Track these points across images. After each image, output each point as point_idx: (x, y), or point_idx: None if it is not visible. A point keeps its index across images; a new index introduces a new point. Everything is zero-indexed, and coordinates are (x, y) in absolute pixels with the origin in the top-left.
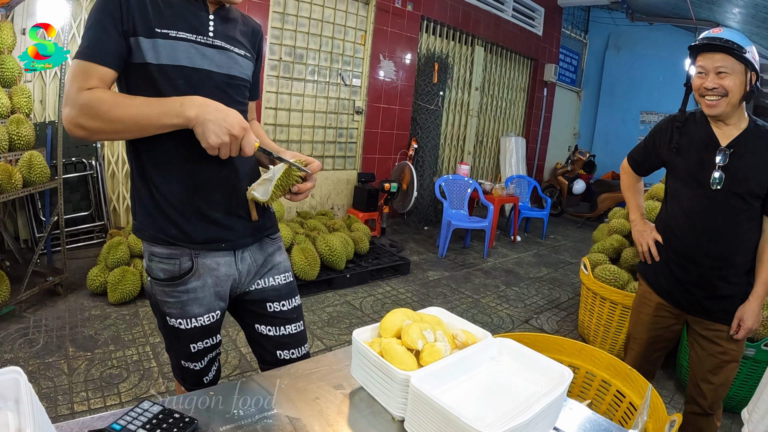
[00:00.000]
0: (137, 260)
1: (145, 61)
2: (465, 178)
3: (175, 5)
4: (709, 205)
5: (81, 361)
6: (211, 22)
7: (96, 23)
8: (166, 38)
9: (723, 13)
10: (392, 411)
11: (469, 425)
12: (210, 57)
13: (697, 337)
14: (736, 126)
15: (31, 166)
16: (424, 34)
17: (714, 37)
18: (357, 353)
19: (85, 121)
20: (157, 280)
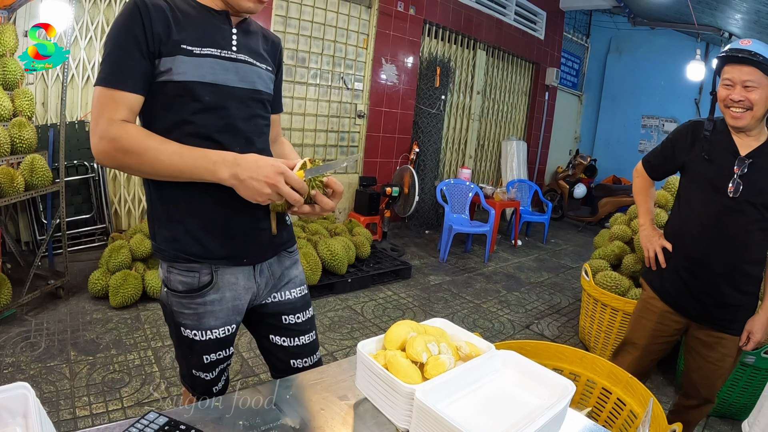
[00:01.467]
0: (139, 264)
1: (170, 80)
2: (466, 183)
3: (197, 20)
4: (723, 212)
5: (83, 365)
6: (234, 36)
7: (117, 47)
8: (191, 55)
9: (725, 18)
10: (397, 423)
11: None
12: (234, 71)
13: (696, 344)
14: (757, 138)
15: (33, 169)
16: (426, 38)
17: (743, 49)
18: (362, 365)
19: (116, 155)
20: (175, 292)
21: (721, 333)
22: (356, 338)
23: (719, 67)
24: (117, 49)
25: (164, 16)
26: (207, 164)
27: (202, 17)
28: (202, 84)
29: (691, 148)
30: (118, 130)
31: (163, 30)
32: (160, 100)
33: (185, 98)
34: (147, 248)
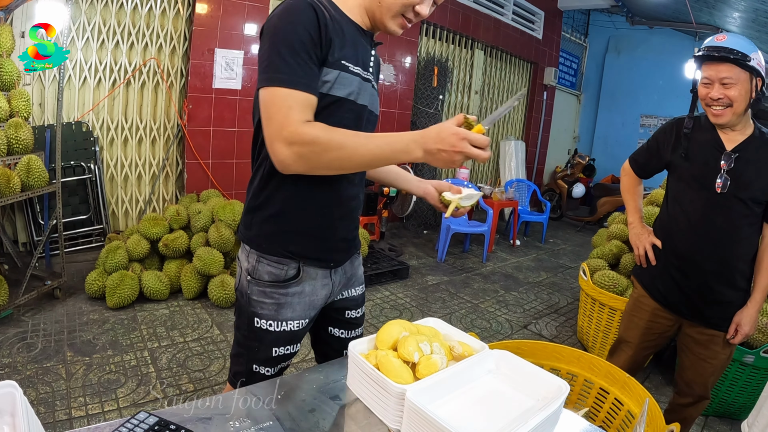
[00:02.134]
0: (135, 264)
1: (327, 92)
2: (464, 183)
3: (351, 36)
4: (712, 208)
5: (79, 366)
6: (372, 59)
7: (292, 45)
8: (347, 71)
9: (723, 17)
10: (389, 424)
11: None
12: (368, 93)
13: (689, 341)
14: (742, 132)
15: (29, 170)
16: (423, 38)
17: (718, 46)
18: (353, 365)
19: (312, 156)
20: (260, 281)
21: (713, 330)
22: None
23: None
24: (292, 48)
25: (333, 25)
26: (403, 147)
27: (353, 34)
28: (349, 101)
29: (676, 145)
30: (312, 130)
31: (334, 37)
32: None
33: (334, 113)
34: (144, 249)
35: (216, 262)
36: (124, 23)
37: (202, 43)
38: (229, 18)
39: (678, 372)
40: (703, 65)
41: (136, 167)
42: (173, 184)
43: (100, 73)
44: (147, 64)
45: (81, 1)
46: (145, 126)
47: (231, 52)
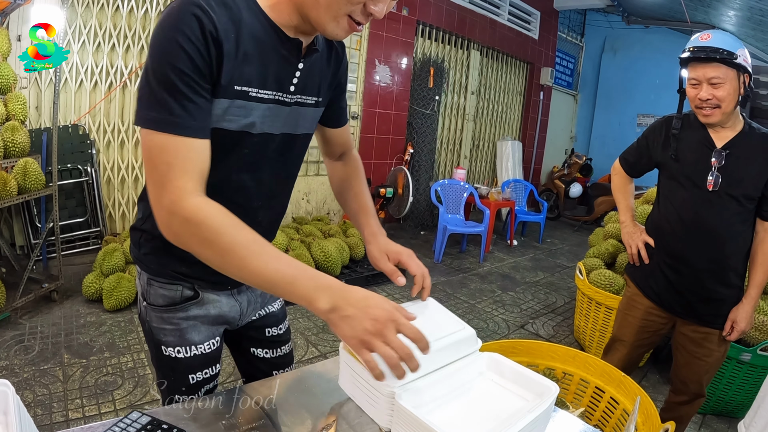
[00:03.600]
0: (132, 267)
1: (216, 126)
2: (461, 183)
3: (264, 48)
4: (703, 206)
5: (76, 368)
6: (297, 74)
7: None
8: (244, 98)
9: (718, 15)
10: (380, 423)
11: None
12: (283, 118)
13: (683, 339)
14: (732, 128)
15: (26, 173)
16: (419, 39)
17: (704, 46)
18: (345, 365)
19: (189, 242)
20: (155, 306)
21: (707, 328)
22: None
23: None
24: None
25: (228, 34)
26: (307, 286)
27: (270, 45)
28: (246, 134)
29: (666, 144)
30: (194, 209)
31: (226, 56)
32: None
33: (224, 146)
34: None
35: None
36: (120, 26)
37: None
38: None
39: (673, 370)
40: (689, 66)
41: (133, 170)
42: None
43: (96, 76)
44: (143, 66)
45: (77, 4)
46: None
47: None
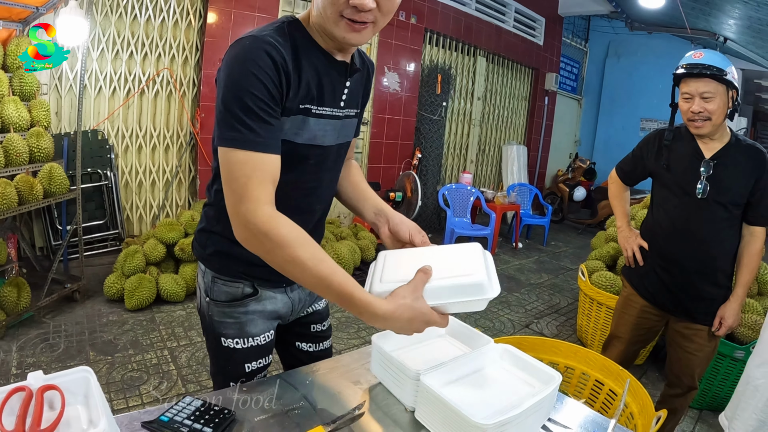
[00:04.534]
0: (152, 268)
1: (287, 139)
2: (467, 187)
3: (322, 69)
4: (693, 212)
5: (102, 364)
6: (345, 92)
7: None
8: (308, 114)
9: (719, 24)
10: (405, 402)
11: (467, 416)
12: (337, 130)
13: (676, 336)
14: (719, 140)
15: (51, 177)
16: (427, 46)
17: (697, 63)
18: (376, 353)
19: (258, 248)
20: (217, 302)
21: (698, 325)
22: (363, 337)
23: (677, 81)
24: (245, 105)
25: (295, 64)
26: (358, 311)
27: (324, 69)
28: (312, 146)
29: (658, 155)
30: (270, 224)
31: (293, 82)
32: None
33: (292, 159)
34: (160, 253)
35: None
36: (137, 34)
37: (214, 53)
38: (239, 29)
39: (667, 365)
40: (682, 81)
41: (150, 174)
42: (186, 189)
43: (115, 83)
44: (160, 74)
45: (96, 13)
46: (158, 134)
47: None
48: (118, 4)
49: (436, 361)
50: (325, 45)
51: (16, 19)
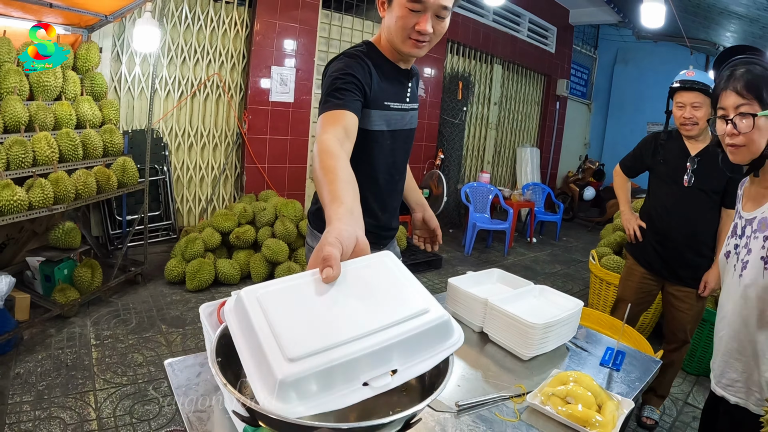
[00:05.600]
0: (210, 254)
1: (371, 129)
2: (487, 186)
3: (392, 76)
4: (681, 197)
5: (175, 335)
6: (409, 90)
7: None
8: (388, 109)
9: (718, 35)
10: (474, 323)
11: (524, 319)
12: (406, 120)
13: (670, 298)
14: (703, 141)
15: (124, 169)
16: (449, 55)
17: (689, 79)
18: (451, 290)
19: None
20: None
21: (687, 288)
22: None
23: (672, 93)
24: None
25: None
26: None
27: (394, 76)
28: (387, 132)
29: (655, 152)
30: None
31: (374, 85)
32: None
33: (377, 141)
34: (216, 240)
35: (283, 251)
36: (190, 42)
37: (260, 60)
38: (282, 39)
39: (665, 325)
40: (677, 93)
41: (200, 170)
42: (232, 185)
43: (170, 86)
44: (211, 78)
45: (166, 23)
46: (208, 133)
47: (285, 69)
48: (172, 14)
49: (493, 295)
50: (392, 58)
51: (84, 25)
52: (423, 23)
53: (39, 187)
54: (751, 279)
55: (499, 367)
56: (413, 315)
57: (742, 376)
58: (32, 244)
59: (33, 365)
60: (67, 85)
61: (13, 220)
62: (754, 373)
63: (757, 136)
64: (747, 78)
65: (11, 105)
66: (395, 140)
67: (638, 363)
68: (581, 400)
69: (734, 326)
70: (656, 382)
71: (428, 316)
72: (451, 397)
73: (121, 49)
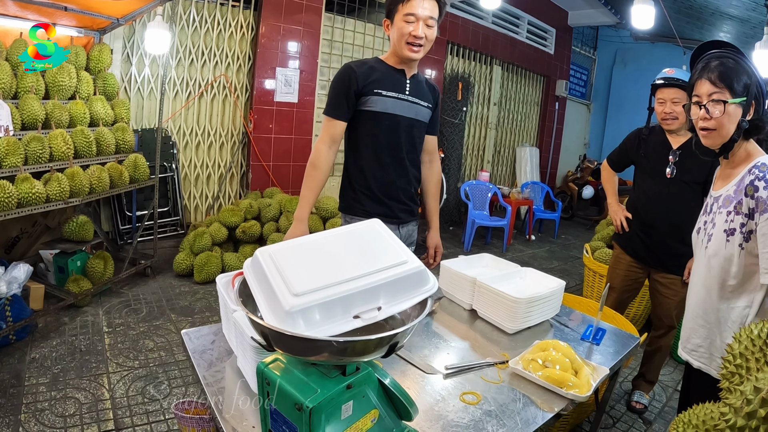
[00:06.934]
0: (217, 248)
1: (370, 109)
2: (486, 183)
3: (388, 73)
4: (665, 189)
5: (184, 323)
6: (408, 85)
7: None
8: (380, 96)
9: (711, 36)
10: (464, 301)
11: (509, 294)
12: (405, 108)
13: (657, 285)
14: (684, 135)
15: (136, 166)
16: (449, 57)
17: (670, 77)
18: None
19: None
20: None
21: (672, 275)
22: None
23: (654, 90)
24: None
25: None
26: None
27: (389, 73)
28: (386, 114)
29: (638, 147)
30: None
31: (366, 80)
32: (361, 120)
33: (376, 120)
34: (223, 235)
35: None
36: (198, 44)
37: (265, 62)
38: (287, 41)
39: (652, 311)
40: (658, 90)
41: (207, 168)
42: (237, 183)
43: (178, 87)
44: (217, 80)
45: (174, 26)
46: (214, 132)
47: (289, 71)
48: (180, 17)
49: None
50: (390, 62)
51: (96, 28)
52: (416, 29)
53: (56, 181)
54: (714, 250)
55: (487, 339)
56: (395, 264)
57: (705, 342)
58: (44, 238)
59: (48, 350)
60: (81, 85)
61: (31, 212)
62: (717, 340)
63: (727, 121)
64: (720, 69)
65: (29, 103)
66: (398, 125)
67: (617, 339)
68: (558, 364)
69: (699, 295)
70: (645, 368)
71: (408, 266)
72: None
73: (131, 51)
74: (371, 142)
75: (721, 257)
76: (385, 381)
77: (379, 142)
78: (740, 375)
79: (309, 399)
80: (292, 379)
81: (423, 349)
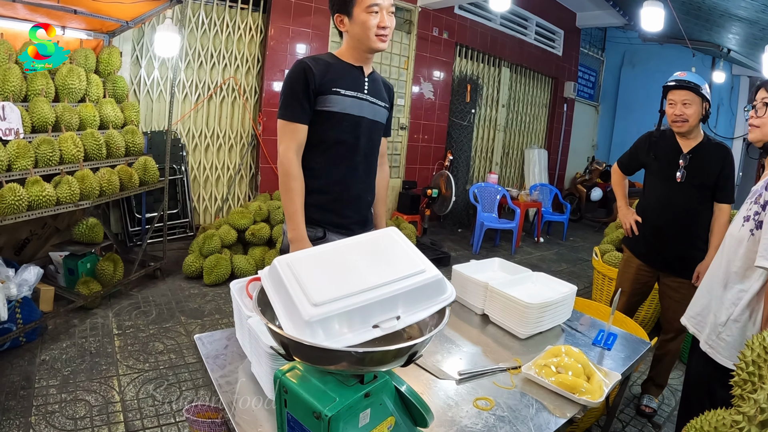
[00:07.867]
0: (225, 250)
1: (327, 109)
2: (495, 186)
3: (346, 71)
4: (675, 193)
5: (194, 325)
6: (366, 84)
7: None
8: (339, 95)
9: (721, 37)
10: (476, 306)
11: (521, 300)
12: (365, 108)
13: (666, 288)
14: (695, 139)
15: (146, 169)
16: (457, 59)
17: (681, 79)
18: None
19: (280, 178)
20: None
21: (681, 279)
22: None
23: (665, 92)
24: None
25: (326, 69)
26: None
27: (346, 71)
28: (345, 115)
29: (648, 150)
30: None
31: (322, 78)
32: (320, 121)
33: (336, 121)
34: (232, 237)
35: None
36: (207, 47)
37: (274, 64)
38: (295, 43)
39: (661, 315)
40: (669, 92)
41: (216, 170)
42: (246, 185)
43: (187, 89)
44: (226, 82)
45: (183, 29)
46: (223, 135)
47: None
48: (190, 19)
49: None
50: (347, 59)
51: (106, 30)
52: (383, 20)
53: (66, 183)
54: (732, 231)
55: (498, 344)
56: (413, 273)
57: (703, 311)
58: (54, 240)
59: (58, 352)
60: (91, 88)
61: (42, 214)
62: (710, 315)
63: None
64: None
65: (39, 106)
66: (357, 126)
67: (628, 344)
68: (571, 369)
69: (713, 269)
70: (654, 372)
71: (426, 275)
72: (454, 367)
73: (140, 54)
74: (328, 146)
75: (735, 238)
76: (402, 388)
77: (337, 146)
78: (753, 383)
79: (328, 407)
80: (310, 387)
81: (435, 354)
